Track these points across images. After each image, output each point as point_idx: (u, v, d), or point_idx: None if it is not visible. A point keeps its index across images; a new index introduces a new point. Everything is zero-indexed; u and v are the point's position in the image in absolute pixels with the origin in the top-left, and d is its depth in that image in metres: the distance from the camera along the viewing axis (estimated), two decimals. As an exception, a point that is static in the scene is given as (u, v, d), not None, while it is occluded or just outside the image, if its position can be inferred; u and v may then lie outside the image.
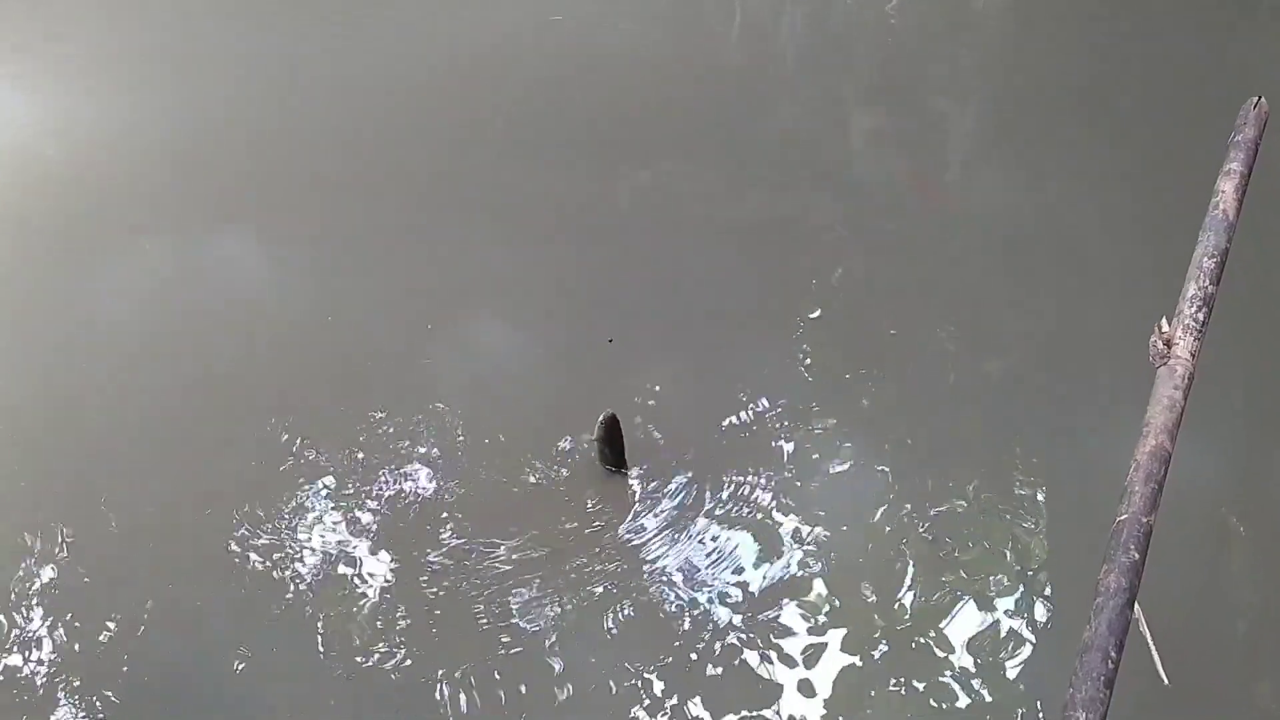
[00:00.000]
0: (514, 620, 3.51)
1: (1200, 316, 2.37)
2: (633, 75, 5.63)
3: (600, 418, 3.81)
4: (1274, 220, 3.77)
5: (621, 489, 3.81)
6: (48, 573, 3.73)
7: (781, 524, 3.73)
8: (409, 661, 3.44)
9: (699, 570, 3.63)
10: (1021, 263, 4.66)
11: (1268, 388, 4.02)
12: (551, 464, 3.90)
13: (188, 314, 4.59)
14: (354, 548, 3.73)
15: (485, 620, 3.51)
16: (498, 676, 3.39)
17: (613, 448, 3.84)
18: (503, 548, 3.68)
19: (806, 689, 3.36)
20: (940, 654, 3.42)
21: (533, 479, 3.86)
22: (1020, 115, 5.38)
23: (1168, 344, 2.33)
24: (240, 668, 3.46)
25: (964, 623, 3.48)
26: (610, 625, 3.49)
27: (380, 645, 3.48)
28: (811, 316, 4.43)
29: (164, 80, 5.83)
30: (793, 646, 3.44)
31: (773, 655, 3.42)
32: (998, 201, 4.98)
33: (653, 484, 3.83)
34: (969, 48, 5.84)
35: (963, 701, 3.32)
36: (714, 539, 3.70)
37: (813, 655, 3.43)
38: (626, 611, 3.52)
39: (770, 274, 4.65)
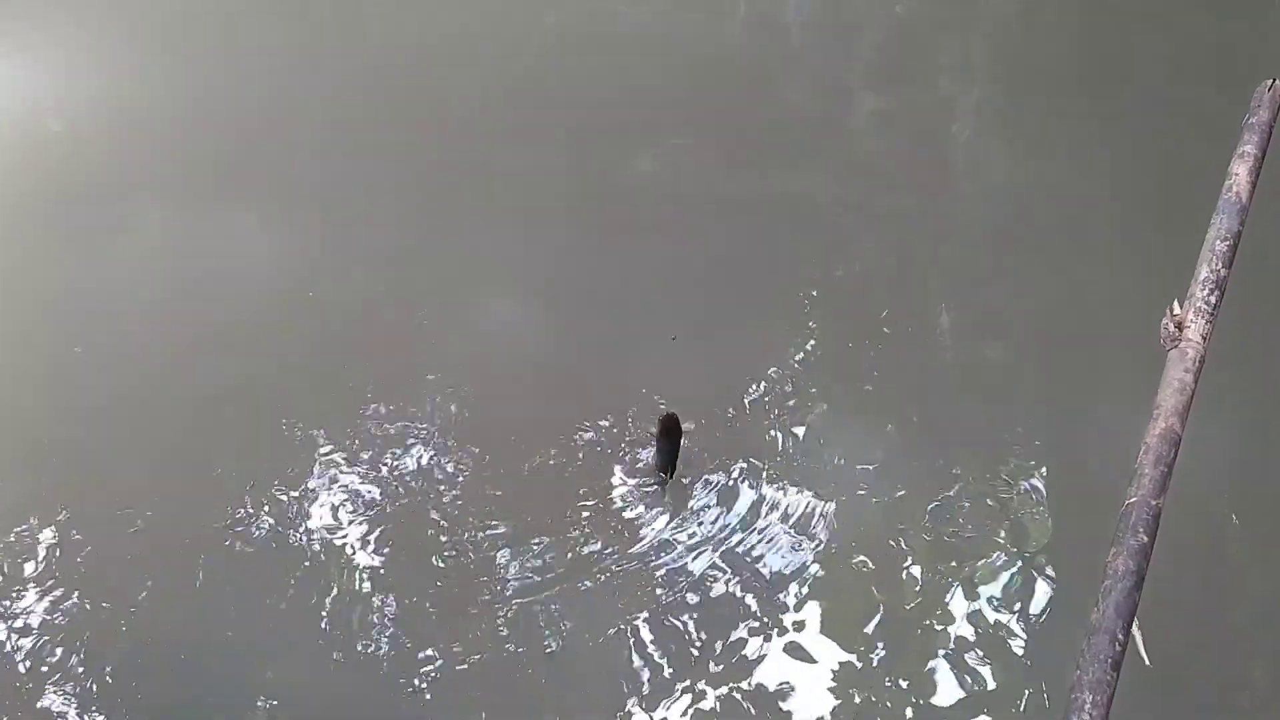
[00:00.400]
0: (514, 607, 3.52)
1: (1212, 300, 2.37)
2: (637, 57, 5.59)
3: (659, 418, 3.68)
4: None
5: (627, 477, 3.80)
6: (46, 553, 3.73)
7: (779, 507, 3.73)
8: (408, 646, 3.45)
9: (694, 552, 3.62)
10: (1027, 245, 4.64)
11: (1278, 372, 4.01)
12: (560, 452, 3.87)
13: (187, 291, 4.57)
14: (355, 531, 3.73)
15: (486, 605, 3.52)
16: (497, 663, 3.40)
17: (666, 451, 3.72)
18: (506, 533, 3.69)
19: (807, 671, 3.36)
20: (944, 637, 3.42)
21: (541, 467, 3.85)
22: (1027, 97, 5.35)
23: (1179, 326, 2.32)
24: (239, 648, 3.47)
25: (968, 606, 3.48)
26: (610, 611, 3.49)
27: (380, 629, 3.49)
28: (813, 297, 4.41)
29: (165, 56, 5.80)
30: (793, 630, 3.44)
31: (772, 638, 3.42)
32: (1004, 183, 4.96)
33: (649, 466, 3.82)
34: (975, 28, 5.80)
35: (967, 684, 3.32)
36: (708, 522, 3.69)
37: (813, 638, 3.43)
38: (626, 596, 3.52)
39: (771, 255, 4.63)
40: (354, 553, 3.67)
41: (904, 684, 3.33)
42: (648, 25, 5.76)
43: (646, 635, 3.43)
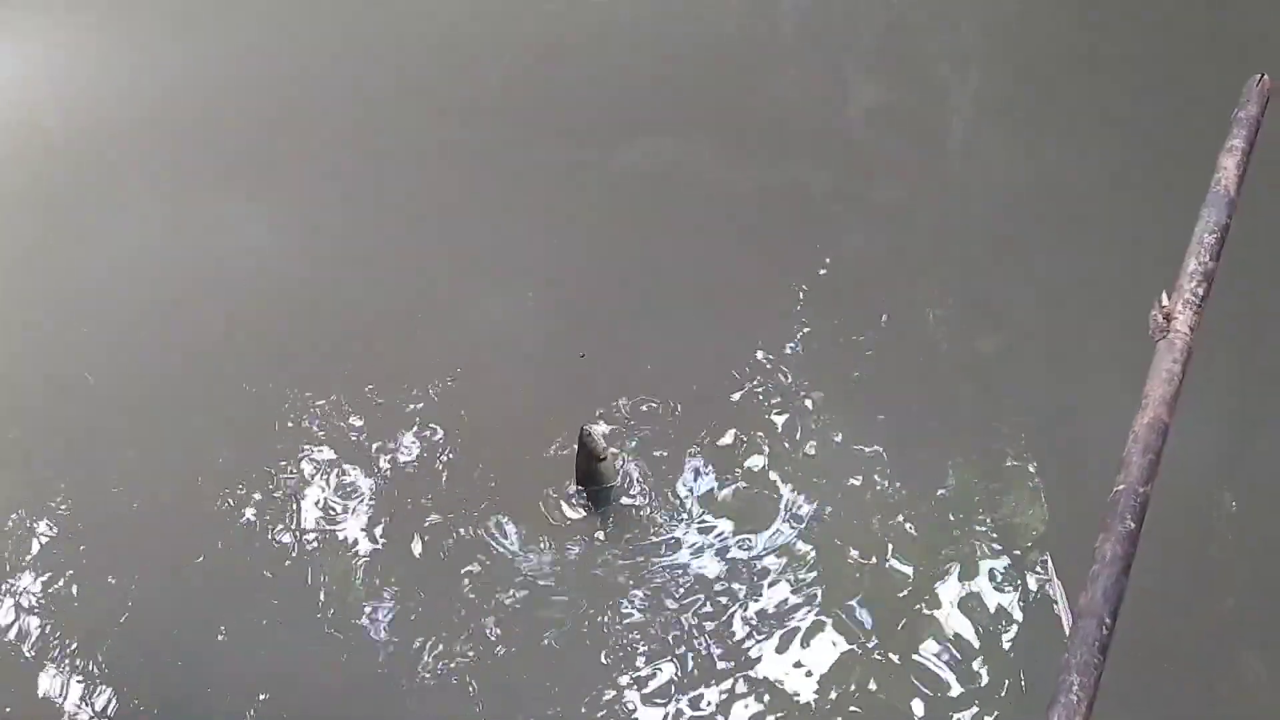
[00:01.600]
0: (512, 602, 3.55)
1: (1200, 291, 2.40)
2: (633, 52, 5.60)
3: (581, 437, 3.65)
4: (1275, 197, 3.78)
5: (612, 467, 3.82)
6: (44, 538, 3.76)
7: (773, 497, 3.76)
8: (403, 636, 3.49)
9: (688, 544, 3.65)
10: (1020, 235, 4.66)
11: (1265, 363, 4.04)
12: (556, 445, 3.90)
13: (183, 285, 4.59)
14: (351, 521, 3.76)
15: (482, 599, 3.56)
16: (494, 656, 3.44)
17: (584, 470, 3.70)
18: (503, 529, 3.71)
19: (798, 660, 3.40)
20: (935, 623, 3.45)
21: (537, 461, 3.87)
22: (1025, 90, 5.36)
23: (1167, 318, 2.35)
24: (234, 635, 3.52)
25: (958, 592, 3.52)
26: (599, 600, 3.53)
27: (374, 619, 3.53)
28: (807, 288, 4.43)
29: (163, 51, 5.79)
30: (784, 619, 3.47)
31: (763, 628, 3.46)
32: (997, 173, 4.98)
33: (643, 457, 3.85)
34: (970, 16, 5.80)
35: (957, 669, 3.36)
36: (704, 512, 3.72)
37: (804, 626, 3.46)
38: (615, 586, 3.56)
39: (766, 246, 4.65)
40: (349, 543, 3.70)
41: (891, 669, 3.37)
42: (643, 19, 5.76)
43: (642, 629, 3.47)
